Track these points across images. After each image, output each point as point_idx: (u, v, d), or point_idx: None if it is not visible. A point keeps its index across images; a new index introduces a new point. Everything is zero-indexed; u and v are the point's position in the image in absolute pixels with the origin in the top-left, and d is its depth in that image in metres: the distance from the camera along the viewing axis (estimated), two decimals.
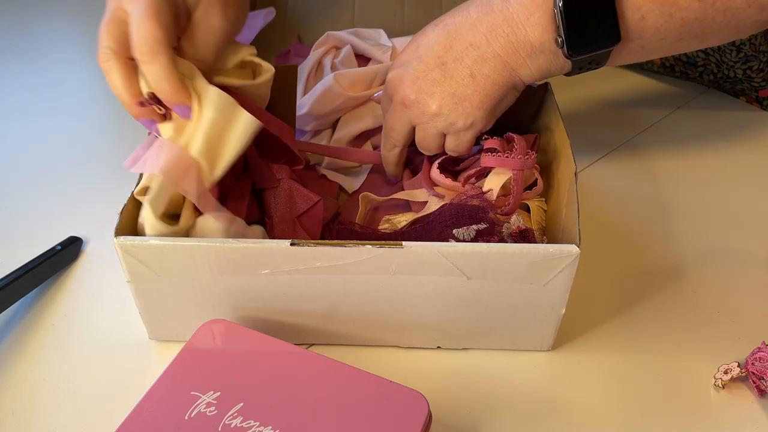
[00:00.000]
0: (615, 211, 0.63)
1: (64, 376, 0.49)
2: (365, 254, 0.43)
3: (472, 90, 0.48)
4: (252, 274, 0.45)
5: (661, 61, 0.76)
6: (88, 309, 0.54)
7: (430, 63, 0.48)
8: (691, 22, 0.44)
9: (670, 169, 0.67)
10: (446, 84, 0.48)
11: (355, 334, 0.49)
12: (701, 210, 0.63)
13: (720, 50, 0.70)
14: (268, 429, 0.38)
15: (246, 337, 0.44)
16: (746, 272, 0.57)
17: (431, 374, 0.49)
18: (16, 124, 0.75)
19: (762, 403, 0.47)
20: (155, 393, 0.40)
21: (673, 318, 0.53)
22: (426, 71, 0.48)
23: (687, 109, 0.75)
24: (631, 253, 0.58)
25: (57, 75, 0.83)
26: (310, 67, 0.66)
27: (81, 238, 0.59)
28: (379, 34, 0.69)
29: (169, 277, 0.45)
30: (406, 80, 0.49)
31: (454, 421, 0.46)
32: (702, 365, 0.49)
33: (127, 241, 0.43)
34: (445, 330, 0.49)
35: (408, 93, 0.49)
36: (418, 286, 0.45)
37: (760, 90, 0.72)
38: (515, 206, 0.51)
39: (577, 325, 0.52)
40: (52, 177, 0.67)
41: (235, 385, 0.41)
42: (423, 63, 0.49)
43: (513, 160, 0.51)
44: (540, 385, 0.49)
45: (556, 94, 0.57)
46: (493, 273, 0.44)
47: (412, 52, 0.50)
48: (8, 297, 0.52)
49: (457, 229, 0.49)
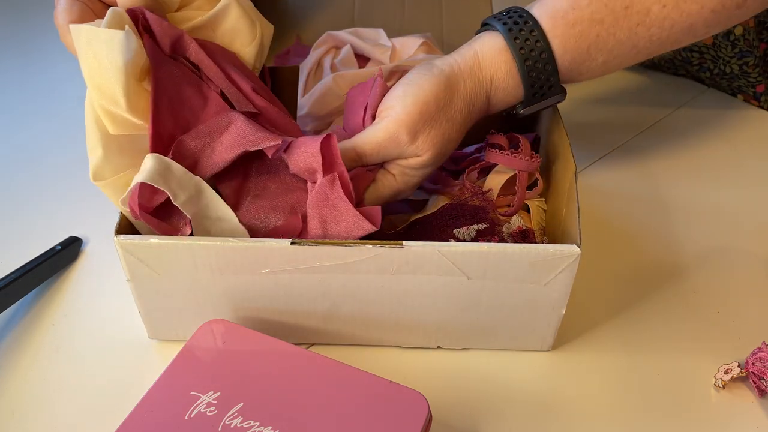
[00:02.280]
0: (615, 211, 0.63)
1: (64, 376, 0.49)
2: (365, 254, 0.43)
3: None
4: (252, 274, 0.45)
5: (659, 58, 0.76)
6: (88, 309, 0.54)
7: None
8: (633, 47, 0.48)
9: (670, 169, 0.67)
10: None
11: (355, 334, 0.49)
12: (701, 210, 0.63)
13: (715, 46, 0.70)
14: (268, 429, 0.38)
15: (246, 337, 0.44)
16: (746, 272, 0.57)
17: (431, 374, 0.49)
18: (16, 124, 0.75)
19: (762, 403, 0.47)
20: (155, 393, 0.40)
21: (673, 318, 0.53)
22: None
23: (687, 109, 0.75)
24: (631, 253, 0.58)
25: (57, 75, 0.83)
26: (310, 67, 0.66)
27: (81, 238, 0.59)
28: (379, 34, 0.69)
29: (169, 276, 0.45)
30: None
31: (454, 421, 0.46)
32: (702, 365, 0.49)
33: (127, 240, 0.43)
34: (445, 330, 0.49)
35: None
36: (418, 286, 0.45)
37: (757, 85, 0.72)
38: (519, 207, 0.51)
39: (577, 325, 0.52)
40: (52, 177, 0.67)
41: (235, 385, 0.40)
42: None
43: (519, 161, 0.51)
44: (540, 385, 0.49)
45: None
46: (494, 273, 0.44)
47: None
48: (8, 297, 0.52)
49: (457, 229, 0.49)
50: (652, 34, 0.47)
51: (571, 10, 0.46)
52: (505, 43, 0.47)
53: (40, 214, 0.63)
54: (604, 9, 0.46)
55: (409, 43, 0.66)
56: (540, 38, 0.47)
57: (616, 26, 0.46)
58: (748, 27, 0.67)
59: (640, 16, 0.46)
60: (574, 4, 0.46)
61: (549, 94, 0.49)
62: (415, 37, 0.67)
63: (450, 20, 0.75)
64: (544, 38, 0.47)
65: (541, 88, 0.48)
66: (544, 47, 0.47)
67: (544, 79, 0.48)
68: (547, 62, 0.47)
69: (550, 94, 0.49)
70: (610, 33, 0.46)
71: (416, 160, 0.48)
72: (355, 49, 0.68)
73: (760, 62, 0.70)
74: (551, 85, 0.48)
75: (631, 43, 0.47)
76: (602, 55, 0.47)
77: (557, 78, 0.48)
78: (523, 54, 0.47)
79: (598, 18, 0.46)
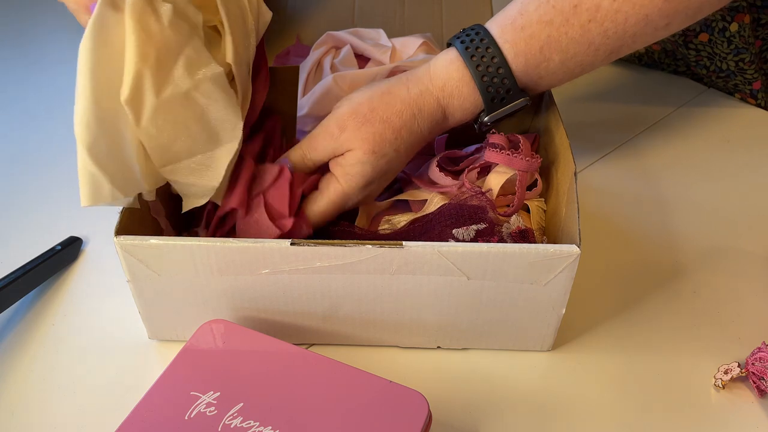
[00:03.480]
0: (615, 211, 0.63)
1: (64, 376, 0.49)
2: (365, 254, 0.43)
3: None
4: (252, 274, 0.45)
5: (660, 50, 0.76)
6: (88, 309, 0.54)
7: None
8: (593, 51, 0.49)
9: (670, 169, 0.67)
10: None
11: (355, 334, 0.49)
12: (701, 210, 0.63)
13: (711, 42, 0.70)
14: (268, 429, 0.38)
15: (246, 337, 0.44)
16: (746, 272, 0.57)
17: (431, 374, 0.49)
18: (16, 124, 0.75)
19: (762, 403, 0.47)
20: (155, 393, 0.40)
21: (673, 318, 0.53)
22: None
23: (686, 109, 0.75)
24: (631, 253, 0.58)
25: (57, 75, 0.83)
26: (310, 67, 0.66)
27: (81, 238, 0.59)
28: (378, 34, 0.69)
29: (169, 276, 0.46)
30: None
31: (454, 421, 0.46)
32: (702, 365, 0.49)
33: (127, 240, 0.43)
34: (445, 330, 0.49)
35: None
36: (418, 286, 0.45)
37: (754, 82, 0.73)
38: (518, 207, 0.51)
39: (577, 325, 0.52)
40: (52, 177, 0.67)
41: (235, 385, 0.40)
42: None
43: (520, 161, 0.51)
44: (540, 385, 0.49)
45: (555, 94, 0.57)
46: (493, 273, 0.44)
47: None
48: (8, 297, 0.52)
49: (456, 229, 0.49)
50: (606, 29, 0.47)
51: (519, 16, 0.48)
52: (458, 53, 0.49)
53: (40, 214, 0.63)
54: (552, 10, 0.47)
55: (409, 43, 0.66)
56: (490, 44, 0.48)
57: (567, 25, 0.47)
58: (744, 23, 0.67)
59: (590, 13, 0.46)
60: (522, 10, 0.48)
61: (510, 99, 0.50)
62: (415, 37, 0.67)
63: (450, 20, 0.75)
64: (494, 44, 0.48)
65: (498, 92, 0.49)
66: (494, 52, 0.48)
67: (499, 82, 0.49)
68: (500, 66, 0.48)
69: (511, 99, 0.50)
70: (561, 32, 0.47)
71: (350, 154, 0.49)
72: (355, 49, 0.68)
73: (756, 59, 0.70)
74: (508, 89, 0.49)
75: (585, 40, 0.47)
76: (557, 55, 0.48)
77: (513, 81, 0.49)
78: (475, 60, 0.48)
79: (546, 19, 0.47)
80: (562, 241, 0.47)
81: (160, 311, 0.48)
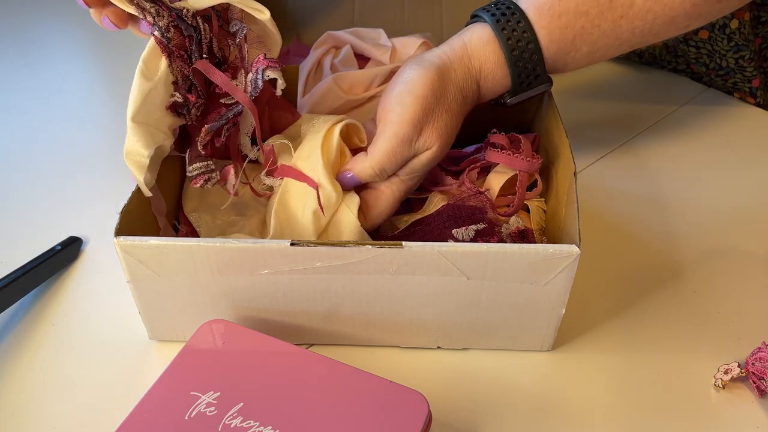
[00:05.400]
0: (615, 211, 0.63)
1: (64, 376, 0.49)
2: (365, 254, 0.43)
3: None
4: (252, 274, 0.45)
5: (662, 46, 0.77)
6: (88, 309, 0.54)
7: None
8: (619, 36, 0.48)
9: (669, 169, 0.67)
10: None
11: (355, 334, 0.50)
12: (701, 210, 0.63)
13: (711, 40, 0.70)
14: (268, 429, 0.38)
15: (246, 337, 0.44)
16: (746, 272, 0.57)
17: (431, 374, 0.49)
18: (16, 124, 0.75)
19: (762, 403, 0.47)
20: (155, 393, 0.40)
21: (673, 318, 0.53)
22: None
23: (686, 109, 0.75)
24: (631, 253, 0.58)
25: (57, 75, 0.83)
26: (310, 67, 0.66)
27: (81, 238, 0.59)
28: (378, 34, 0.69)
29: (168, 276, 0.46)
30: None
31: (454, 421, 0.46)
32: (702, 365, 0.49)
33: (126, 241, 0.43)
34: (445, 330, 0.49)
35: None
36: (418, 286, 0.45)
37: (753, 80, 0.73)
38: (518, 207, 0.51)
39: (577, 325, 0.52)
40: (52, 177, 0.67)
41: (235, 385, 0.41)
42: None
43: (521, 161, 0.51)
44: (540, 385, 0.49)
45: (555, 94, 0.57)
46: (493, 273, 0.44)
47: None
48: (8, 297, 0.52)
49: (456, 229, 0.49)
50: (635, 26, 0.47)
51: (557, 2, 0.47)
52: (493, 33, 0.48)
53: (40, 214, 0.63)
54: (589, 1, 0.47)
55: (409, 43, 0.66)
56: (527, 29, 0.47)
57: (601, 18, 0.47)
58: (744, 21, 0.67)
59: (624, 9, 0.47)
60: None
61: (535, 84, 0.50)
62: (415, 37, 0.66)
63: (450, 20, 0.75)
64: (531, 29, 0.48)
65: (528, 77, 0.49)
66: (530, 38, 0.48)
67: (531, 68, 0.49)
68: (534, 52, 0.48)
69: (537, 83, 0.50)
70: (594, 24, 0.47)
71: (426, 154, 0.48)
72: (355, 49, 0.67)
73: (755, 56, 0.70)
74: (537, 74, 0.49)
75: (614, 34, 0.48)
76: (587, 46, 0.48)
77: (543, 68, 0.49)
78: (511, 44, 0.48)
79: (583, 10, 0.47)
80: (562, 241, 0.47)
81: (160, 311, 0.48)
